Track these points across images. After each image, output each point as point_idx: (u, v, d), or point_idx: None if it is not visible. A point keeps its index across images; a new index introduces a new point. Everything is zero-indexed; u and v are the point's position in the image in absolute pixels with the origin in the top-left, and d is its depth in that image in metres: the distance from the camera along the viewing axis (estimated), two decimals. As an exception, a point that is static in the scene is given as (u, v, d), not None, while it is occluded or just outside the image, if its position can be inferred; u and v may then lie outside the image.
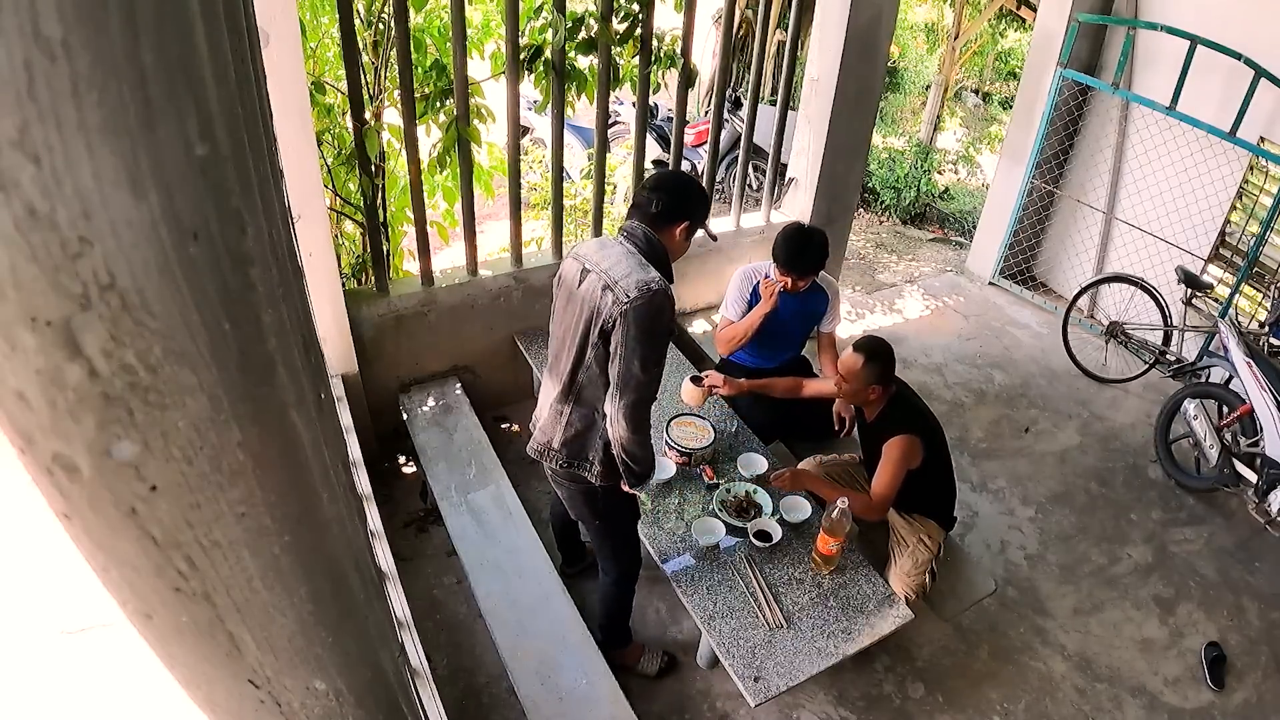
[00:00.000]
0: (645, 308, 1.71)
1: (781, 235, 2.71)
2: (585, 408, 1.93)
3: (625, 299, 1.72)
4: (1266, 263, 3.86)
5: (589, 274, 1.83)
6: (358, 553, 0.82)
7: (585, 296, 1.83)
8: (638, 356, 1.74)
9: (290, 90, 2.21)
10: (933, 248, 6.07)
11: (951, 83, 7.79)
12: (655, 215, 1.85)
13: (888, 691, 2.55)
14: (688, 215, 1.87)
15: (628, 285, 1.73)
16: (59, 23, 0.33)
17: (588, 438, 1.96)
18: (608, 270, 1.79)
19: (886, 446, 2.33)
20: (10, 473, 0.56)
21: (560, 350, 1.95)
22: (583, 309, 1.83)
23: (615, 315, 1.73)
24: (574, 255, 1.91)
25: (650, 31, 2.92)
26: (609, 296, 1.75)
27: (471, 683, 2.45)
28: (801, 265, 2.67)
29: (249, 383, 0.49)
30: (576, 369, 1.89)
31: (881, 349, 2.35)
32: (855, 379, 2.33)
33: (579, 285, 1.85)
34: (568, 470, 2.01)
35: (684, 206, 1.86)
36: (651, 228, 1.85)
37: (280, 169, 1.12)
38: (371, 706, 0.83)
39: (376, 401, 3.05)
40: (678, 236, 1.88)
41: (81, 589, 2.24)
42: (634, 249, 1.82)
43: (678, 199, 1.85)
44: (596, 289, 1.79)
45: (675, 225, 1.87)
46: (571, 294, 1.88)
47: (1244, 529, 3.32)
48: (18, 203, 0.35)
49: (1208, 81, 3.81)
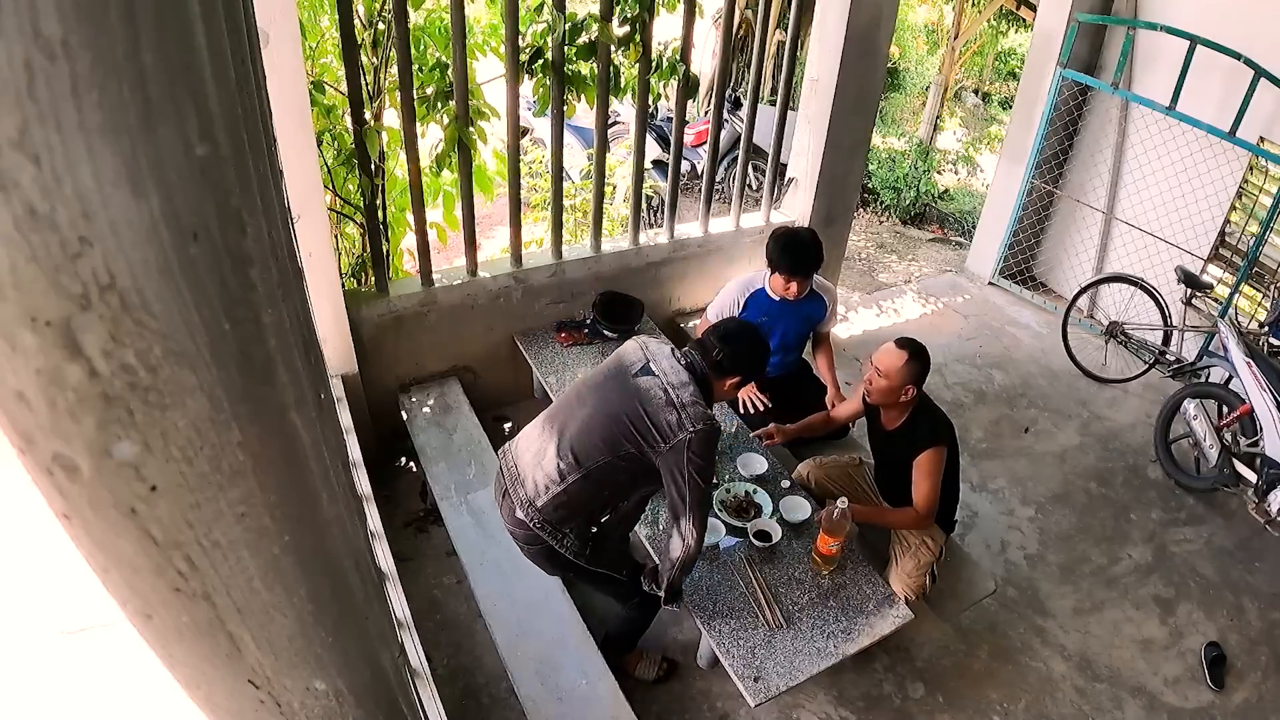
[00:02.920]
0: (709, 438, 1.84)
1: (773, 242, 2.72)
2: (593, 488, 1.93)
3: (693, 427, 1.82)
4: (1266, 263, 3.86)
5: (653, 375, 1.91)
6: (358, 553, 0.82)
7: (642, 392, 1.89)
8: (702, 476, 1.85)
9: (290, 90, 2.21)
10: (933, 248, 6.07)
11: (951, 83, 7.79)
12: (716, 363, 1.96)
13: (888, 691, 2.55)
14: (742, 372, 1.98)
15: (695, 413, 1.84)
16: (59, 23, 0.33)
17: (578, 514, 1.96)
18: (675, 388, 1.88)
19: (922, 459, 2.29)
20: (10, 473, 0.56)
21: (590, 420, 1.93)
22: (633, 401, 1.89)
23: (680, 437, 1.83)
24: (642, 345, 2.01)
25: (650, 36, 2.92)
26: (674, 415, 1.84)
27: (471, 683, 2.45)
28: (804, 267, 2.69)
29: (249, 383, 0.49)
30: (606, 448, 1.90)
31: (923, 349, 2.30)
32: (896, 376, 2.26)
33: (637, 375, 1.93)
34: (533, 531, 1.97)
35: (742, 364, 1.97)
36: (709, 371, 1.96)
37: (280, 169, 1.12)
38: (371, 706, 0.83)
39: (376, 401, 3.05)
40: (726, 388, 2.00)
41: (81, 589, 2.24)
42: (693, 379, 1.92)
43: (739, 358, 1.96)
44: (659, 397, 1.87)
45: (728, 378, 1.98)
46: (626, 380, 1.93)
47: (1244, 529, 3.32)
48: (18, 203, 0.35)
49: (1207, 81, 3.82)
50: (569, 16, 2.69)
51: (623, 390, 1.92)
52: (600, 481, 1.92)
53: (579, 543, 1.98)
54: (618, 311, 3.23)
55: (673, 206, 3.49)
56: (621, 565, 2.14)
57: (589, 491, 1.93)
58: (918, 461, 2.30)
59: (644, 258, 3.47)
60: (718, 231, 3.66)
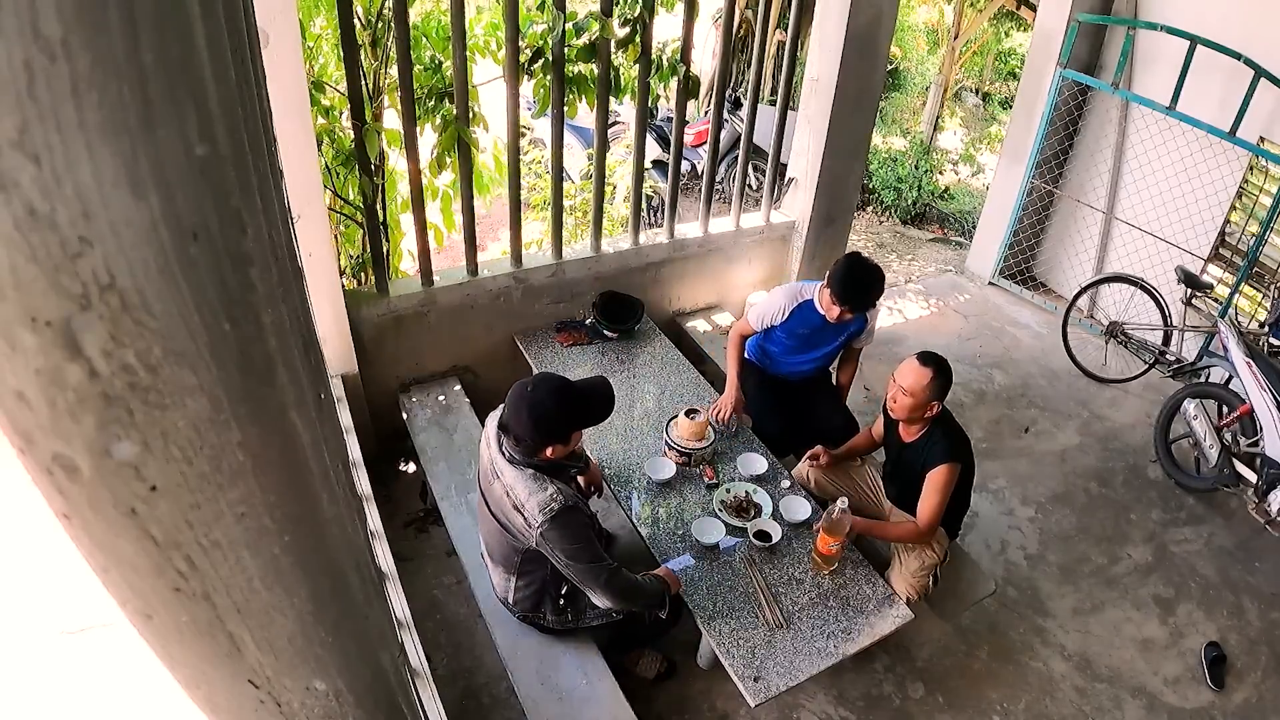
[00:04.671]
0: (556, 523, 1.82)
1: (845, 267, 2.57)
2: (529, 578, 2.06)
3: (535, 523, 1.83)
4: (1266, 263, 3.86)
5: (498, 477, 1.92)
6: (358, 553, 0.82)
7: (497, 500, 1.94)
8: (574, 559, 1.86)
9: (290, 90, 2.20)
10: (933, 248, 6.07)
11: (951, 83, 7.78)
12: (520, 452, 1.87)
13: (888, 691, 2.55)
14: (547, 441, 1.84)
15: (533, 507, 1.83)
16: (59, 23, 0.32)
17: (538, 599, 2.10)
18: (511, 488, 1.88)
19: (935, 474, 2.27)
20: (10, 473, 0.56)
21: (490, 533, 2.06)
22: (499, 509, 1.95)
23: (533, 537, 1.85)
24: (487, 443, 1.98)
25: (650, 36, 2.92)
26: (520, 518, 1.87)
27: (471, 683, 2.45)
28: (861, 303, 2.61)
29: (249, 383, 0.49)
30: (512, 550, 2.00)
31: (947, 364, 2.29)
32: (922, 393, 2.25)
33: (492, 483, 1.95)
34: (523, 620, 2.18)
35: (540, 437, 1.83)
36: (526, 457, 1.88)
37: (280, 169, 1.12)
38: (371, 706, 0.83)
39: (376, 401, 3.05)
40: (551, 455, 1.87)
41: (81, 589, 2.24)
42: (521, 469, 1.88)
43: (527, 436, 1.83)
44: (506, 502, 1.90)
45: (541, 451, 1.86)
46: (490, 489, 1.98)
47: (1244, 529, 3.32)
48: (18, 203, 0.35)
49: (1208, 81, 3.81)
50: (569, 16, 2.69)
51: (490, 499, 1.98)
52: (534, 571, 2.03)
53: (557, 616, 2.13)
54: (618, 311, 3.23)
55: (673, 206, 3.49)
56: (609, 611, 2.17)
57: (536, 581, 2.05)
58: (931, 475, 2.28)
59: (644, 258, 3.47)
60: (718, 231, 3.66)
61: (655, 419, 2.78)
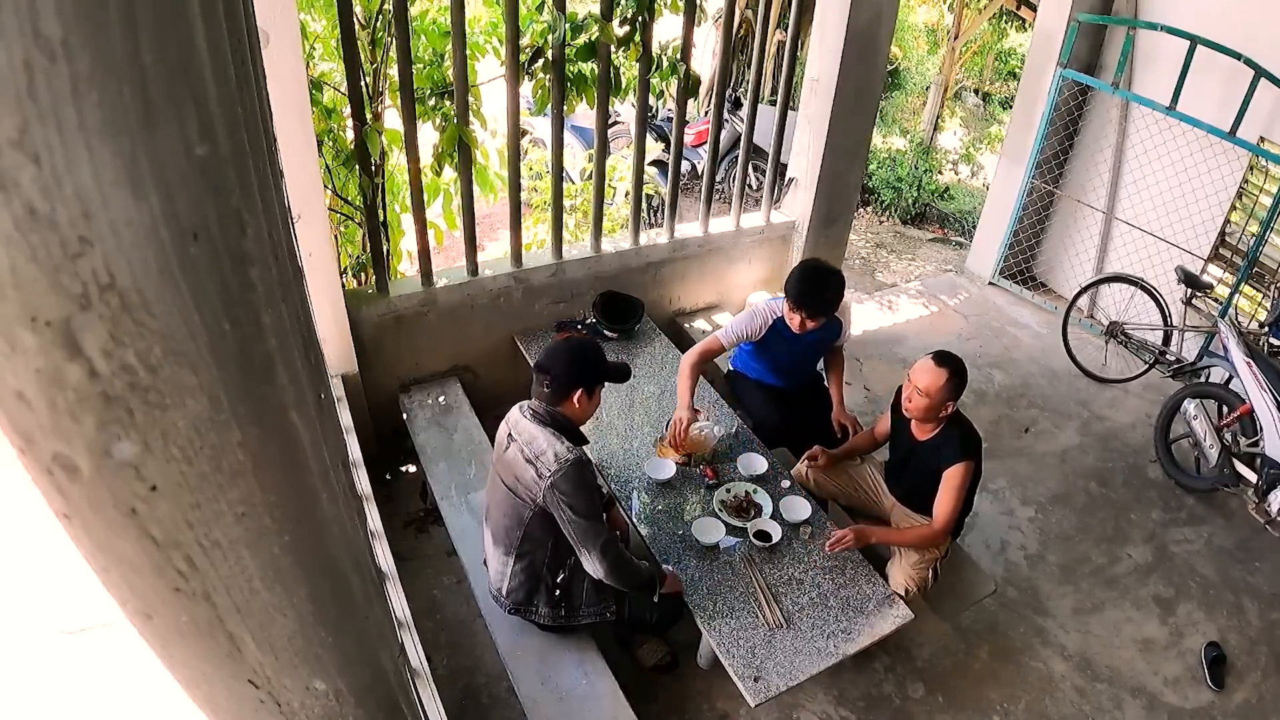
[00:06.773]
0: (570, 474, 1.92)
1: (799, 273, 2.59)
2: (526, 560, 2.10)
3: (548, 472, 1.92)
4: (1266, 263, 3.86)
5: (514, 443, 2.03)
6: (358, 553, 0.82)
7: (510, 464, 2.02)
8: (580, 515, 1.94)
9: (290, 90, 2.20)
10: (933, 248, 6.07)
11: (951, 83, 7.79)
12: (549, 394, 2.02)
13: (888, 691, 2.55)
14: (579, 384, 2.02)
15: (548, 459, 1.94)
16: (59, 23, 0.32)
17: (532, 587, 2.13)
18: (528, 444, 1.99)
19: (951, 473, 2.28)
20: (10, 473, 0.56)
21: (499, 503, 2.10)
22: (508, 473, 2.03)
23: (543, 487, 1.93)
24: (507, 418, 2.10)
25: (650, 36, 2.91)
26: (531, 470, 1.96)
27: (471, 683, 2.45)
28: (813, 306, 2.57)
29: (249, 383, 0.49)
30: (515, 523, 2.05)
31: (962, 364, 2.29)
32: (937, 395, 2.25)
33: (506, 450, 2.05)
34: (510, 612, 2.20)
35: (571, 378, 2.01)
36: (550, 404, 2.02)
37: (280, 169, 1.12)
38: (371, 706, 0.83)
39: (376, 401, 3.05)
40: (576, 405, 2.04)
41: (81, 589, 2.24)
42: (543, 425, 2.00)
43: (562, 374, 2.00)
44: (520, 460, 1.99)
45: (570, 395, 2.02)
46: (501, 458, 2.07)
47: (1244, 529, 3.32)
48: (18, 203, 0.35)
49: (1208, 81, 3.81)
50: (569, 16, 2.69)
51: (502, 467, 2.06)
52: (533, 554, 2.08)
53: (550, 609, 2.15)
54: (618, 311, 3.23)
55: (673, 206, 3.49)
56: (603, 607, 2.19)
57: (531, 566, 2.10)
58: (947, 474, 2.29)
59: (644, 258, 3.47)
60: (718, 231, 3.66)
61: (655, 419, 2.79)
